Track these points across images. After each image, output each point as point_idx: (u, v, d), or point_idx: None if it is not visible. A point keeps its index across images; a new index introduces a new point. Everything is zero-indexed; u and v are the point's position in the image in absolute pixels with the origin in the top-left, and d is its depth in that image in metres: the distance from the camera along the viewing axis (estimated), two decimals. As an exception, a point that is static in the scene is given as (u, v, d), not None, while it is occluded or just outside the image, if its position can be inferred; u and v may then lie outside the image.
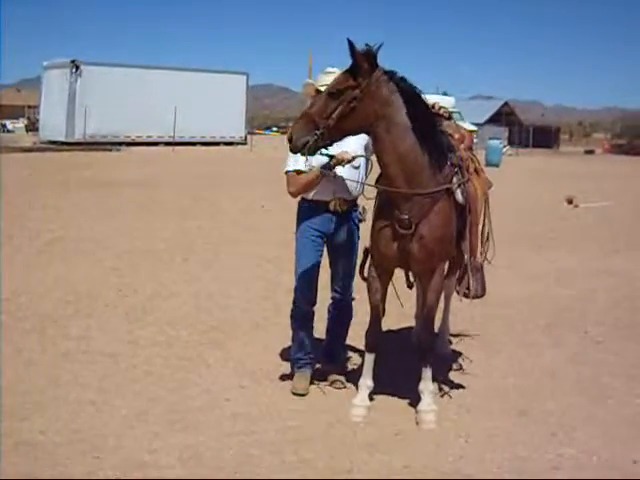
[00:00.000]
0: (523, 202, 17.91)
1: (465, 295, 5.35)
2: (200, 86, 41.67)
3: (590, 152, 55.08)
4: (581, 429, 4.85)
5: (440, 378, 5.52)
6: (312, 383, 5.50)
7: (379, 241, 4.97)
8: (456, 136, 5.41)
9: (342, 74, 4.68)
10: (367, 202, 5.35)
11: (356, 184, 5.29)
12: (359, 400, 5.07)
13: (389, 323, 6.15)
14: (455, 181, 4.95)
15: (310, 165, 5.02)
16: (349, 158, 5.05)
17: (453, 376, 5.80)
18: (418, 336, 5.56)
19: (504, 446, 4.58)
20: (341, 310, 5.62)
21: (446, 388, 5.49)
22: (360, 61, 4.57)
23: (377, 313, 5.15)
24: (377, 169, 5.23)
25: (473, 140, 6.01)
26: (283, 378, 5.65)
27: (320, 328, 5.76)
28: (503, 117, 63.05)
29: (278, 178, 6.05)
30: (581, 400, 5.36)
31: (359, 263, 5.41)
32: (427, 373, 5.06)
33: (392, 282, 5.23)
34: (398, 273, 5.27)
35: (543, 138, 60.71)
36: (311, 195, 5.32)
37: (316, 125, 4.57)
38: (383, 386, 5.29)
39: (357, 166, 5.27)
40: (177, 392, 5.33)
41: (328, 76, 5.19)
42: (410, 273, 5.37)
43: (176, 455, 4.35)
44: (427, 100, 4.90)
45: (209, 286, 8.55)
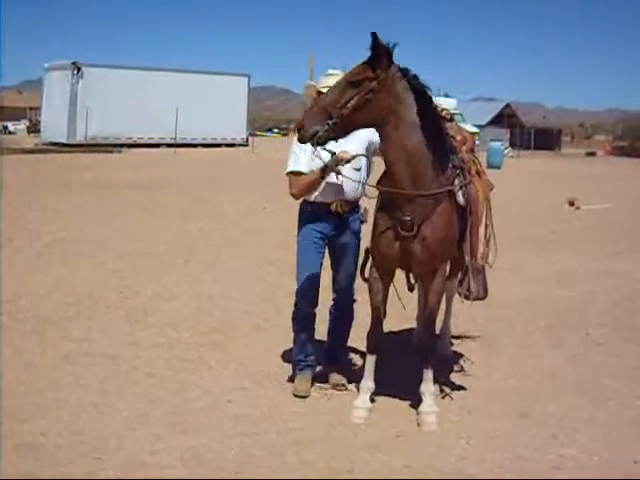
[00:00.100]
0: (524, 204, 17.91)
1: (466, 297, 5.36)
2: (201, 88, 41.67)
3: (591, 154, 55.04)
4: (582, 430, 4.85)
5: (441, 380, 5.52)
6: (313, 385, 5.51)
7: (380, 242, 4.96)
8: (458, 138, 5.42)
9: (360, 65, 4.61)
10: (369, 204, 5.36)
11: (358, 185, 5.29)
12: (360, 402, 5.08)
13: (390, 325, 6.15)
14: (457, 183, 4.95)
15: (317, 155, 4.97)
16: (348, 157, 5.03)
17: (454, 377, 5.81)
18: (419, 337, 5.56)
19: (505, 447, 4.58)
20: (342, 312, 5.62)
21: (447, 389, 5.49)
22: (382, 54, 4.54)
23: (378, 315, 5.15)
24: (377, 170, 5.25)
25: (475, 142, 6.01)
26: (284, 380, 5.65)
27: (321, 330, 5.75)
28: (505, 119, 63.07)
29: (279, 180, 6.05)
30: (582, 402, 5.36)
31: (360, 264, 5.41)
32: (428, 375, 5.06)
33: (393, 284, 5.23)
34: (399, 275, 5.28)
35: (544, 140, 60.69)
36: (313, 197, 5.32)
37: (329, 115, 4.51)
38: (384, 388, 5.29)
39: (359, 167, 5.27)
40: (178, 394, 5.33)
41: (329, 78, 5.21)
42: (411, 275, 5.37)
43: (177, 456, 4.35)
44: (436, 101, 4.90)
45: (210, 288, 8.55)
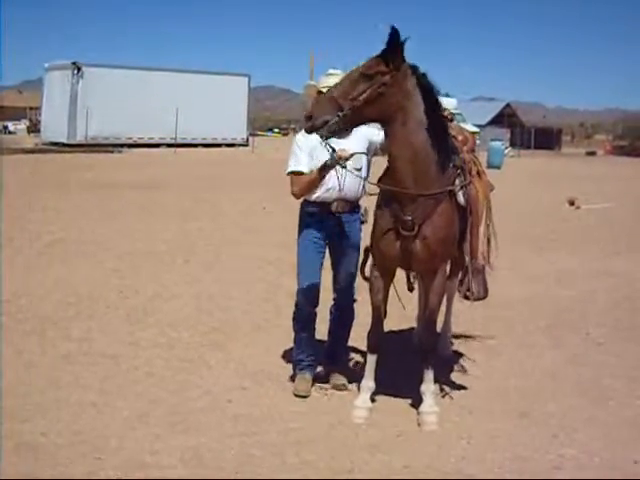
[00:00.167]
0: (524, 203, 17.91)
1: (466, 297, 5.35)
2: (202, 88, 41.65)
3: (592, 154, 55.03)
4: (582, 430, 4.85)
5: (442, 379, 5.52)
6: (314, 385, 5.51)
7: (381, 241, 4.95)
8: (459, 138, 5.40)
9: (374, 59, 4.58)
10: (369, 203, 5.35)
11: (358, 185, 5.29)
12: (361, 401, 5.07)
13: (390, 324, 6.15)
14: (458, 183, 4.95)
15: (325, 146, 4.94)
16: (347, 155, 4.99)
17: (455, 377, 5.81)
18: (420, 337, 5.56)
19: (505, 447, 4.58)
20: (343, 312, 5.62)
21: (448, 389, 5.49)
22: (399, 49, 4.52)
23: (379, 314, 5.14)
24: (377, 171, 5.24)
25: (475, 142, 6.00)
26: (285, 380, 5.65)
27: (322, 330, 5.75)
28: (505, 119, 63.06)
29: (279, 180, 6.05)
30: (582, 401, 5.36)
31: (360, 263, 5.41)
32: (429, 375, 5.06)
33: (393, 284, 5.22)
34: (399, 275, 5.28)
35: (545, 139, 60.69)
36: (314, 197, 5.31)
37: (339, 106, 4.47)
38: (385, 387, 5.29)
39: (359, 167, 5.27)
40: (178, 393, 5.33)
41: (330, 78, 5.21)
42: (411, 275, 5.37)
43: (178, 456, 4.35)
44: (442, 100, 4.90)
45: (210, 288, 8.55)
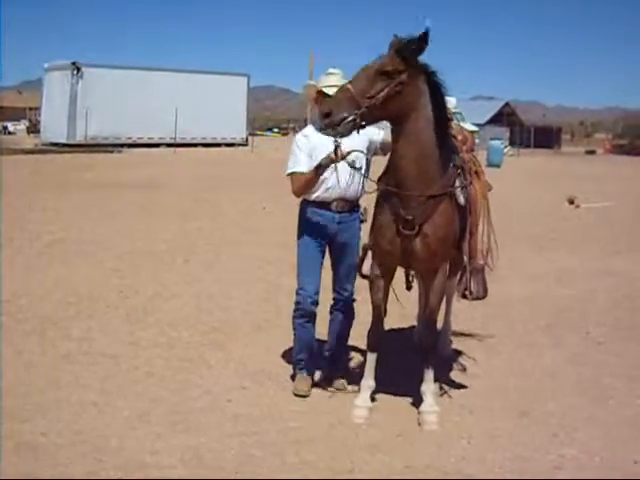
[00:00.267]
0: (524, 202, 17.91)
1: (465, 296, 5.35)
2: (201, 87, 41.68)
3: (591, 152, 55.04)
4: (582, 430, 4.85)
5: (442, 379, 5.53)
6: (313, 384, 5.51)
7: (382, 239, 4.94)
8: (459, 137, 5.40)
9: (390, 56, 4.52)
10: (368, 203, 5.35)
11: (358, 185, 5.29)
12: (361, 401, 5.07)
13: (390, 323, 6.15)
14: (458, 183, 4.95)
15: (337, 142, 4.91)
16: (344, 154, 4.94)
17: (455, 377, 5.81)
18: (420, 337, 5.56)
19: (506, 446, 4.58)
20: (343, 311, 5.61)
21: (448, 389, 5.49)
22: (423, 49, 4.50)
23: (379, 313, 5.14)
24: (376, 169, 5.24)
25: (474, 141, 6.00)
26: (285, 379, 5.65)
27: (322, 329, 5.75)
28: (504, 117, 63.06)
29: (279, 179, 6.05)
30: (582, 401, 5.36)
31: (358, 260, 5.40)
32: (429, 374, 5.06)
33: (391, 285, 5.21)
34: (397, 275, 5.27)
35: (544, 138, 60.70)
36: (313, 196, 5.31)
37: (356, 104, 4.42)
38: (385, 386, 5.29)
39: (359, 166, 5.27)
40: (179, 393, 5.33)
41: (330, 77, 5.20)
42: (411, 274, 5.36)
43: (178, 456, 4.35)
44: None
45: (210, 287, 8.55)
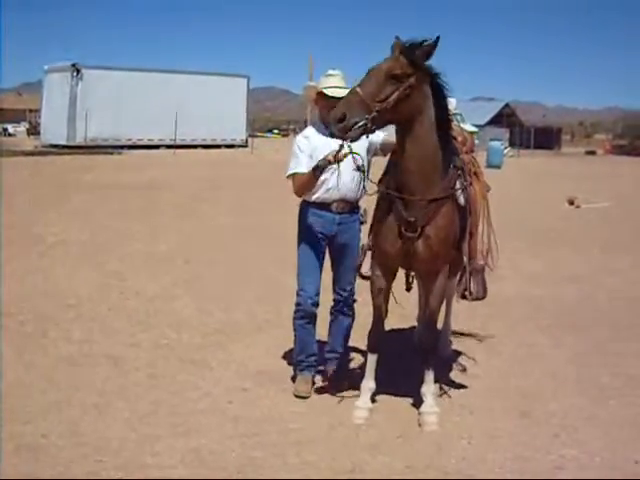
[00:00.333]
0: (524, 203, 17.92)
1: (464, 296, 5.35)
2: (201, 89, 41.71)
3: (591, 153, 55.04)
4: (583, 430, 4.85)
5: (442, 379, 5.53)
6: (314, 385, 5.51)
7: (384, 241, 4.94)
8: (459, 139, 5.40)
9: (398, 59, 4.49)
10: (368, 204, 5.35)
11: (358, 186, 5.29)
12: (361, 402, 5.07)
13: (390, 324, 6.15)
14: (458, 184, 4.96)
15: (348, 146, 4.86)
16: (340, 157, 4.93)
17: (455, 377, 5.81)
18: (420, 338, 5.56)
19: (506, 447, 4.58)
20: (343, 312, 5.61)
21: (448, 389, 5.49)
22: (430, 52, 4.50)
23: (380, 313, 5.15)
24: (376, 170, 5.25)
25: (474, 142, 6.00)
26: (285, 380, 5.65)
27: (322, 330, 5.76)
28: (504, 118, 63.02)
29: (279, 181, 6.05)
30: (583, 401, 5.36)
31: (358, 261, 5.41)
32: (429, 375, 5.06)
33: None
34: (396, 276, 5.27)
35: (544, 139, 60.71)
36: (313, 197, 5.31)
37: (367, 108, 4.39)
38: (385, 387, 5.29)
39: (359, 167, 5.27)
40: (179, 395, 5.33)
41: (330, 78, 5.21)
42: (411, 275, 5.36)
43: (179, 458, 4.35)
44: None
45: (211, 289, 8.56)
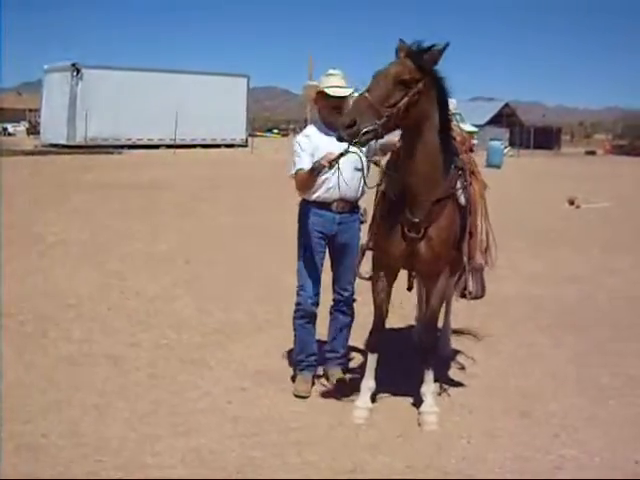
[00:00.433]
0: (524, 203, 17.92)
1: (463, 295, 5.36)
2: (201, 88, 41.70)
3: (591, 153, 55.03)
4: (583, 430, 4.85)
5: (442, 379, 5.53)
6: (314, 385, 5.51)
7: (386, 241, 4.94)
8: (458, 139, 5.41)
9: (406, 64, 4.46)
10: (368, 204, 5.35)
11: (358, 185, 5.30)
12: (361, 402, 5.07)
13: (390, 323, 6.14)
14: (459, 184, 4.96)
15: (358, 151, 4.88)
16: (333, 158, 4.88)
17: (455, 377, 5.81)
18: (420, 337, 5.56)
19: (506, 447, 4.59)
20: (343, 311, 5.61)
21: (448, 389, 5.50)
22: (437, 58, 4.49)
23: (381, 313, 5.15)
24: (375, 170, 5.25)
25: (472, 142, 6.00)
26: (285, 380, 5.65)
27: (322, 330, 5.76)
28: (504, 118, 63.01)
29: (279, 180, 6.06)
30: (583, 401, 5.37)
31: (357, 261, 5.41)
32: (429, 375, 5.06)
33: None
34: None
35: (544, 139, 60.69)
36: (314, 196, 5.32)
37: (376, 113, 4.36)
38: (385, 387, 5.29)
39: (359, 168, 5.27)
40: (179, 395, 5.33)
41: (330, 78, 5.21)
42: (413, 275, 5.36)
43: (179, 457, 4.35)
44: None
45: (211, 288, 8.56)
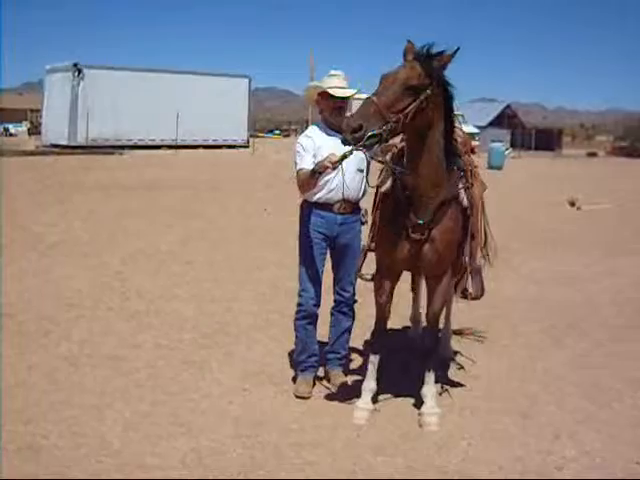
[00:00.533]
0: (525, 204, 17.92)
1: (464, 297, 5.36)
2: (203, 89, 41.69)
3: (592, 154, 55.00)
4: (583, 431, 4.85)
5: (442, 380, 5.53)
6: (315, 386, 5.51)
7: (390, 243, 4.93)
8: (459, 140, 5.41)
9: (415, 69, 4.43)
10: (369, 205, 5.35)
11: (360, 186, 5.30)
12: (362, 403, 5.07)
13: (391, 323, 6.14)
14: (461, 185, 4.97)
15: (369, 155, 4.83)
16: (335, 160, 4.86)
17: (455, 378, 5.81)
18: (421, 339, 5.56)
19: (507, 447, 4.58)
20: (344, 312, 5.61)
21: (449, 390, 5.49)
22: (446, 64, 4.49)
23: (383, 315, 5.15)
24: (375, 170, 5.25)
25: (473, 143, 5.99)
26: (286, 381, 5.65)
27: (323, 331, 5.76)
28: (505, 120, 62.98)
29: (280, 181, 6.06)
30: (583, 402, 5.36)
31: (358, 263, 5.41)
32: (430, 377, 5.07)
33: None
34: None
35: (545, 141, 60.63)
36: (315, 197, 5.32)
37: (384, 118, 4.32)
38: (386, 388, 5.29)
39: (362, 169, 5.28)
40: (180, 395, 5.33)
41: (332, 78, 5.23)
42: (416, 277, 5.36)
43: (179, 458, 4.35)
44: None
45: (212, 289, 8.56)
